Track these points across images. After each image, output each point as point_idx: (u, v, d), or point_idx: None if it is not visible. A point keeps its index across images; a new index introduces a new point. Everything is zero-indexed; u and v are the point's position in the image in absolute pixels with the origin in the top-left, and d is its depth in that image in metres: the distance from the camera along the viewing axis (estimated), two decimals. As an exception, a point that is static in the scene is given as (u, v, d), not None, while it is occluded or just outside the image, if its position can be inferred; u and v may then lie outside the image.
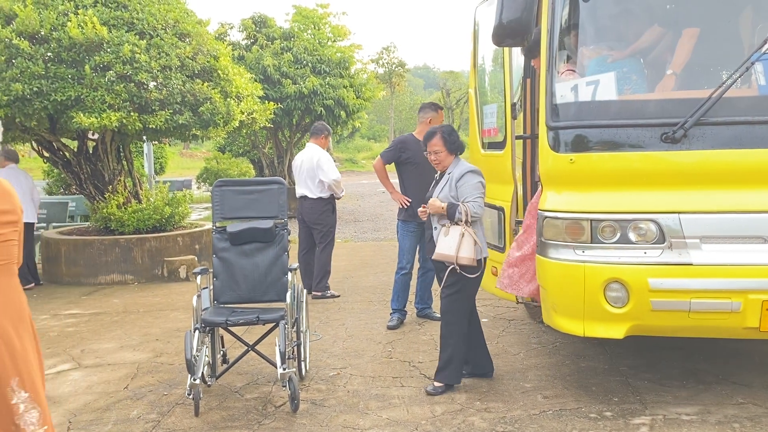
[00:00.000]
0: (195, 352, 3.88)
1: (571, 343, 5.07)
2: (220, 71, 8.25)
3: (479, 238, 4.12)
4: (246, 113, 8.75)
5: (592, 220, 3.64)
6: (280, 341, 4.00)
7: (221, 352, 4.65)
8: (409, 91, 59.19)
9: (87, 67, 7.18)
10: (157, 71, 7.54)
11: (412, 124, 44.75)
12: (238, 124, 8.63)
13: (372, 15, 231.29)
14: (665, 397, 4.04)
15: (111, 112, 7.21)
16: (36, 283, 8.05)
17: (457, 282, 4.13)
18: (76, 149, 8.84)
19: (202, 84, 7.92)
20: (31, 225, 8.13)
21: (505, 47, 4.62)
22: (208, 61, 8.18)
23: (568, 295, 3.71)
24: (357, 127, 18.38)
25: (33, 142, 8.83)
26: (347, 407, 4.05)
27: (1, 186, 2.53)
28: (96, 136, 8.73)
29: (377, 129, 56.65)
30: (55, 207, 10.85)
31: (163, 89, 7.58)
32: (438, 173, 4.43)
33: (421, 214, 4.40)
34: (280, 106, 14.09)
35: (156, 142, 14.23)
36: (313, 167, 6.93)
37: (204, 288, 4.36)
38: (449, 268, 4.09)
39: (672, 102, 3.68)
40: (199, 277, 4.34)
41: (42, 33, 7.30)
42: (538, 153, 3.95)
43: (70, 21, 7.18)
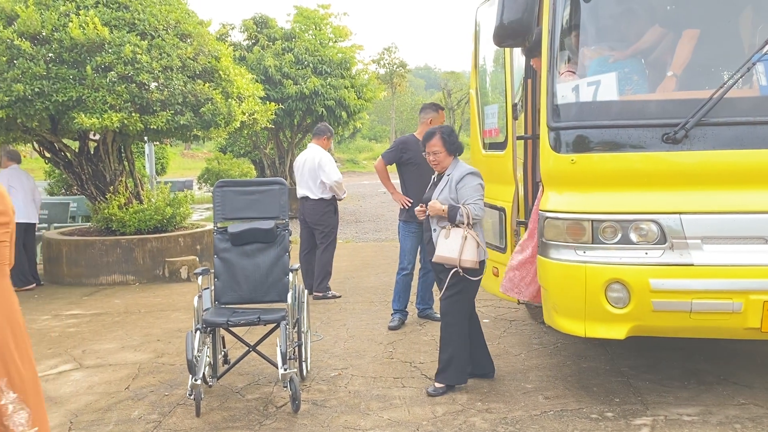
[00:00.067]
0: (196, 353, 3.88)
1: (572, 344, 5.07)
2: (221, 72, 8.26)
3: (481, 240, 4.12)
4: (247, 114, 8.75)
5: (593, 221, 3.64)
6: (281, 342, 4.00)
7: (222, 353, 4.65)
8: (410, 92, 59.20)
9: (88, 67, 7.19)
10: (159, 72, 7.55)
11: (413, 125, 44.80)
12: (239, 125, 8.64)
13: (373, 15, 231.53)
14: (666, 397, 4.03)
15: (112, 113, 7.22)
16: (37, 284, 8.06)
17: (457, 284, 4.13)
18: (77, 150, 8.85)
19: (204, 85, 7.93)
20: (33, 225, 8.16)
21: (506, 48, 4.62)
22: (209, 62, 8.19)
23: (569, 296, 3.70)
24: (358, 127, 18.43)
25: (34, 143, 8.85)
26: (348, 408, 4.05)
27: None
28: (97, 137, 8.75)
29: (378, 130, 56.68)
30: (56, 207, 10.87)
31: (165, 90, 7.59)
32: (436, 174, 4.42)
33: (418, 213, 4.40)
34: (282, 106, 14.11)
35: (157, 143, 14.24)
36: (315, 168, 6.93)
37: (205, 288, 4.37)
38: (452, 271, 4.08)
39: (673, 102, 3.68)
40: (200, 278, 4.34)
41: (43, 33, 7.31)
42: (539, 153, 3.95)
43: (72, 22, 7.19)
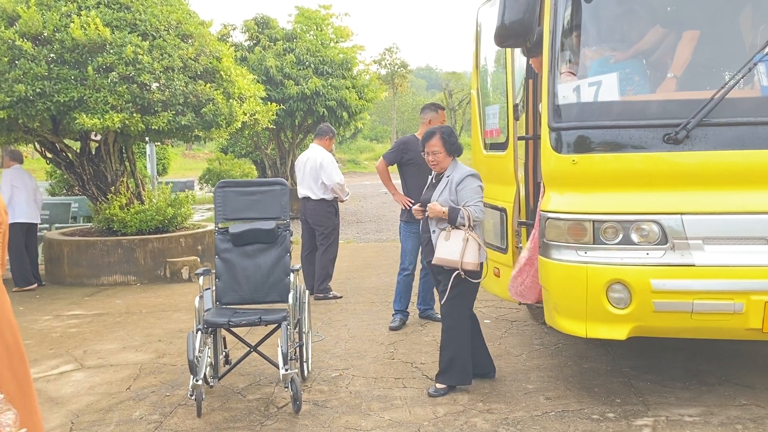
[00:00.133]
0: (197, 353, 3.88)
1: (573, 345, 5.07)
2: (222, 72, 8.27)
3: (481, 242, 4.11)
4: (248, 114, 8.76)
5: (594, 221, 3.63)
6: (282, 342, 4.00)
7: (223, 353, 4.65)
8: (411, 92, 59.18)
9: (90, 68, 7.20)
10: (160, 72, 7.55)
11: (414, 125, 44.79)
12: (240, 125, 8.65)
13: (374, 16, 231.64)
14: (668, 398, 4.03)
15: (114, 113, 7.23)
16: (38, 284, 8.07)
17: (458, 286, 4.12)
18: (78, 150, 8.86)
19: (205, 85, 7.93)
20: (35, 226, 8.17)
21: (508, 48, 4.62)
22: (210, 62, 8.20)
23: (571, 296, 3.70)
24: (359, 128, 18.43)
25: (36, 143, 8.86)
26: (349, 408, 4.05)
27: None
28: (99, 137, 8.76)
29: (380, 130, 56.70)
30: (57, 208, 10.88)
31: (166, 90, 7.59)
32: (434, 175, 4.41)
33: (415, 213, 4.39)
34: (283, 107, 14.11)
35: (158, 143, 14.25)
36: (316, 168, 6.92)
37: (206, 289, 4.36)
38: (454, 274, 4.07)
39: (674, 103, 3.67)
40: (201, 278, 4.34)
41: (45, 34, 7.32)
42: (540, 154, 3.94)
43: (73, 22, 7.20)
